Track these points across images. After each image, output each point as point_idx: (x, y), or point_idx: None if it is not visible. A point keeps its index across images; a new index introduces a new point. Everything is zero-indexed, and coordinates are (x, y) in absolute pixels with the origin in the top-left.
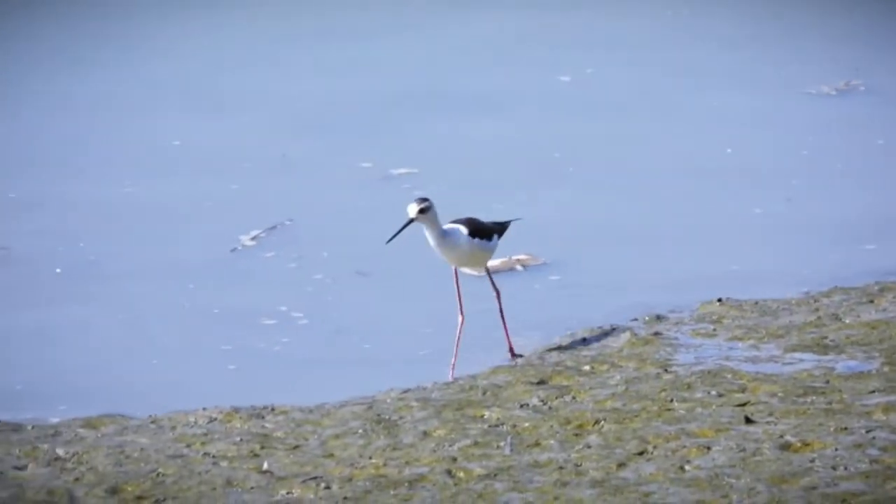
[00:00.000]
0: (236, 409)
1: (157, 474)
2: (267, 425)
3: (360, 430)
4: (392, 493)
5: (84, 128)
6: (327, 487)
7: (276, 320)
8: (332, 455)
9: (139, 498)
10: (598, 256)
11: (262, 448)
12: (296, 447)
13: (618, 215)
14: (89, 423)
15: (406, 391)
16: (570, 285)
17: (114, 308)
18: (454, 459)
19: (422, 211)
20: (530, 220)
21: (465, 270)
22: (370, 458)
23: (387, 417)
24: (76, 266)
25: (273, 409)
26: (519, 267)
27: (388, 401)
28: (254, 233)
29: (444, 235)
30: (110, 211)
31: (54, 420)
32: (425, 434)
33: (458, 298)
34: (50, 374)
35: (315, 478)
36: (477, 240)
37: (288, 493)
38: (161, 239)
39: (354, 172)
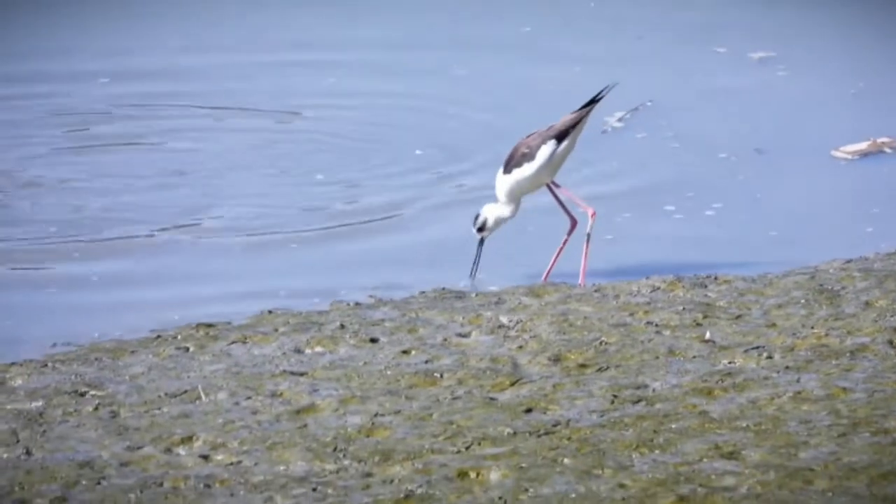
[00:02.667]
0: (679, 279)
1: (600, 343)
2: (710, 294)
3: (803, 300)
4: (833, 363)
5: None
6: (769, 357)
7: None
8: (773, 325)
9: (581, 366)
10: None
11: (705, 317)
12: (738, 317)
13: None
14: (532, 291)
15: (848, 261)
16: None
17: None
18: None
19: (480, 230)
20: None
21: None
22: (812, 327)
23: (829, 287)
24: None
25: (716, 279)
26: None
27: (831, 271)
28: (618, 114)
29: (509, 211)
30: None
31: (497, 288)
32: (867, 304)
33: (562, 209)
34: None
35: (757, 347)
36: (515, 172)
37: (730, 363)
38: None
39: (708, 56)
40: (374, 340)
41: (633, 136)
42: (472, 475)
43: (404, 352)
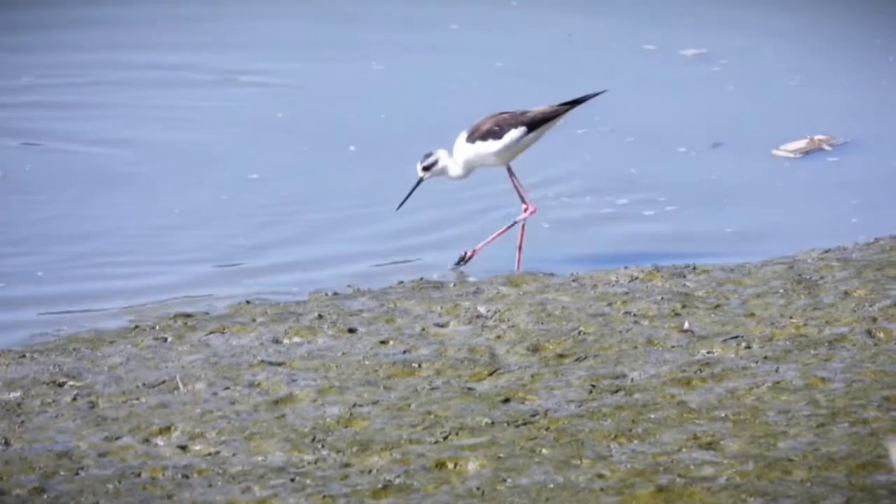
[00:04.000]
0: (658, 268)
1: (579, 332)
2: (688, 284)
3: (781, 290)
4: (812, 352)
5: None
6: (748, 347)
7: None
8: (752, 314)
9: (560, 356)
10: None
11: (683, 307)
12: (716, 306)
13: None
14: (511, 281)
15: (827, 251)
16: None
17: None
18: (874, 320)
19: (426, 168)
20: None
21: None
22: (790, 317)
23: (807, 277)
24: None
25: (694, 269)
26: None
27: (809, 261)
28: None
29: (462, 172)
30: None
31: (475, 278)
32: (846, 294)
33: (517, 193)
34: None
35: (735, 337)
36: (478, 143)
37: (708, 353)
38: None
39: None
40: (352, 330)
41: (591, 130)
42: (451, 465)
43: (382, 342)
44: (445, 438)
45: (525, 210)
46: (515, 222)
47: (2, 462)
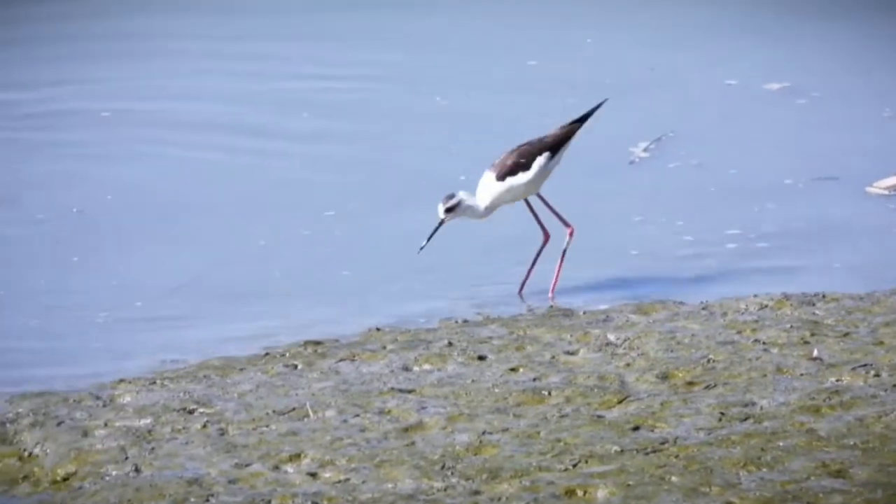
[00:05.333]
0: (787, 296)
1: (708, 360)
2: (817, 312)
3: None
4: None
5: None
6: (877, 375)
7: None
8: (881, 342)
9: (689, 384)
10: None
11: (812, 335)
12: (846, 334)
13: None
14: (640, 309)
15: None
16: None
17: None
18: None
19: (448, 210)
20: None
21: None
22: None
23: None
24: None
25: (824, 297)
26: None
27: None
28: (642, 144)
29: (485, 211)
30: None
31: (605, 306)
32: None
33: (537, 222)
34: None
35: (864, 365)
36: (508, 180)
37: (837, 381)
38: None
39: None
40: (482, 358)
41: (665, 165)
42: (580, 493)
43: (512, 369)
44: (575, 466)
45: (568, 234)
46: (564, 251)
47: (132, 489)
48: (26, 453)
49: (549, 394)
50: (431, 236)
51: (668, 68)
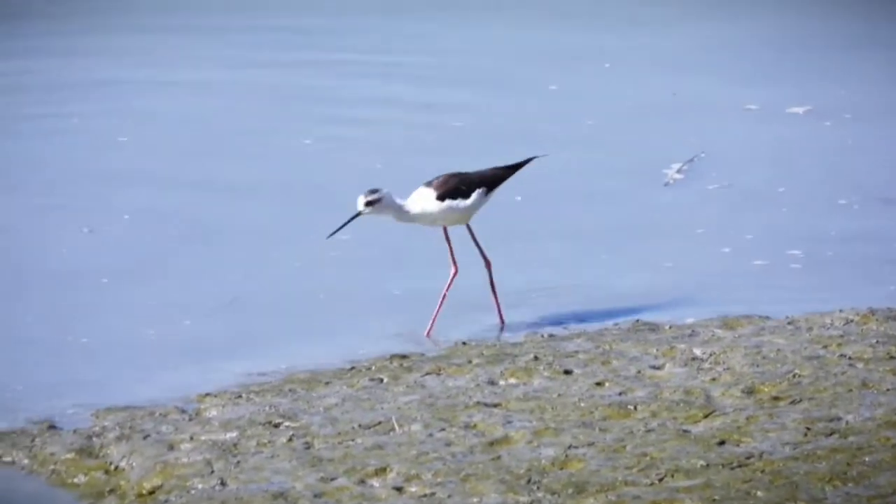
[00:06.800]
0: (872, 311)
1: (794, 375)
2: None
3: None
4: None
5: None
6: None
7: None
8: None
9: (775, 398)
10: None
11: None
12: None
13: None
14: (726, 324)
15: None
16: None
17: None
18: None
19: (368, 203)
20: None
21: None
22: None
23: None
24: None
25: None
26: None
27: None
28: (675, 166)
29: (409, 216)
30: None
31: (690, 320)
32: None
33: (450, 254)
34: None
35: None
36: (448, 202)
37: None
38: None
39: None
40: (567, 372)
41: (704, 186)
42: None
43: (598, 384)
44: (661, 480)
45: (487, 265)
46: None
47: (218, 502)
48: (112, 467)
49: (635, 408)
50: (342, 227)
51: (690, 93)
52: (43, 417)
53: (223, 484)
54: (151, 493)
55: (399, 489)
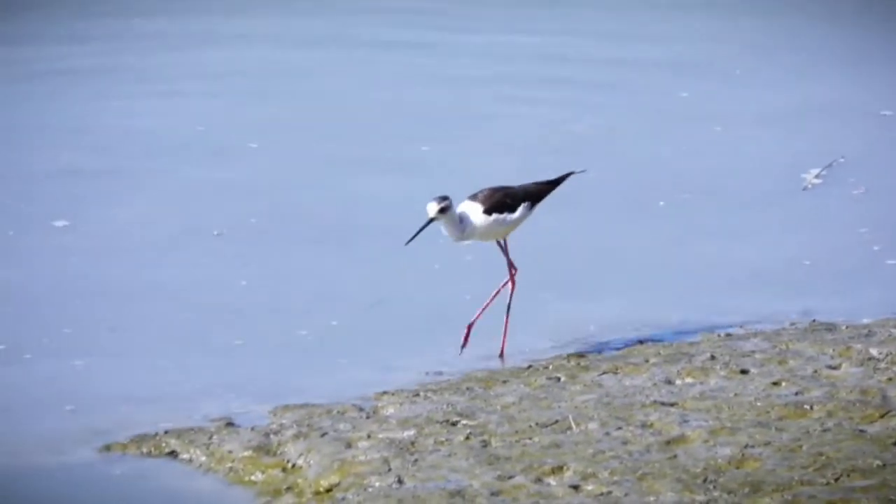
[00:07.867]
0: None
1: None
2: None
3: None
4: None
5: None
6: None
7: None
8: None
9: None
10: None
11: None
12: None
13: None
14: None
15: None
16: None
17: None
18: None
19: (442, 210)
20: None
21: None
22: None
23: None
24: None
25: None
26: None
27: None
28: (814, 171)
29: (462, 231)
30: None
31: (867, 320)
32: None
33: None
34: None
35: None
36: (495, 215)
37: None
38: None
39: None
40: (744, 372)
41: (848, 192)
42: None
43: (774, 383)
44: (837, 480)
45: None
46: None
47: (395, 500)
48: (290, 464)
49: (812, 408)
50: (418, 234)
51: (823, 98)
52: (220, 415)
53: (400, 482)
54: (329, 490)
55: (575, 487)
